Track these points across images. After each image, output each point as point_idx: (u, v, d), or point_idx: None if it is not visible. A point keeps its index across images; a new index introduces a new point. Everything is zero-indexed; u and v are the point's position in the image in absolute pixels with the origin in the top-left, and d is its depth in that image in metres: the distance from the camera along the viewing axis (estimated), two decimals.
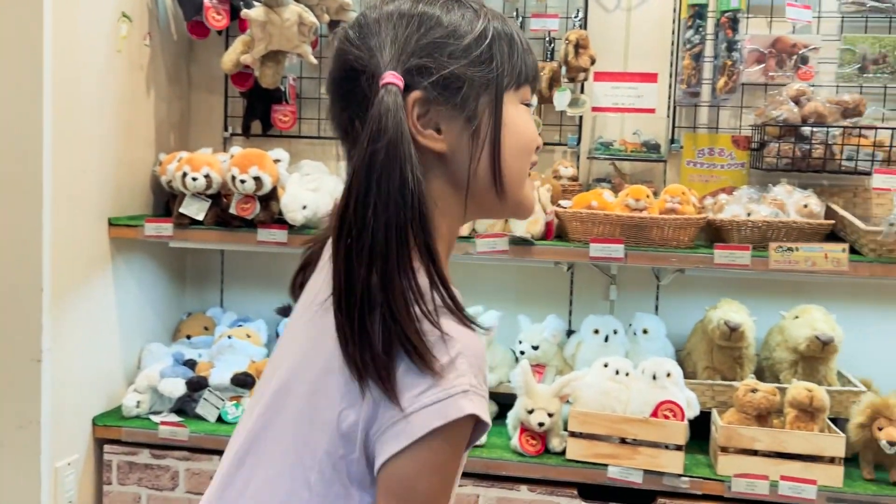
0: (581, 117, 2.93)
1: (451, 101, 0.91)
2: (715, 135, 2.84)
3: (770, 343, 2.65)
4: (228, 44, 2.93)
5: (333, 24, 2.94)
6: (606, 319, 2.71)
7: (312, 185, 2.69)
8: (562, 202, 2.54)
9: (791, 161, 2.53)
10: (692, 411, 2.37)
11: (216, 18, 2.76)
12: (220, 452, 2.70)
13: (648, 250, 2.39)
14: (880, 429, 2.24)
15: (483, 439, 2.48)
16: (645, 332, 2.72)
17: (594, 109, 2.93)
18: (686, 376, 2.47)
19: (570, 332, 2.86)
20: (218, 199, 2.71)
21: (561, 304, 3.01)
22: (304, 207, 2.60)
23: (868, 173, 2.46)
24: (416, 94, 0.90)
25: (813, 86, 2.69)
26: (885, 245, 2.29)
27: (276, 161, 2.66)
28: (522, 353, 2.71)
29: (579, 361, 2.71)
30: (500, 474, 2.42)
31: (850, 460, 2.32)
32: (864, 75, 2.70)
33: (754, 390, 2.34)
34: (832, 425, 2.34)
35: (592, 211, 2.40)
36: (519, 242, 2.44)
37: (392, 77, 0.88)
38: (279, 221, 2.65)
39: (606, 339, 2.68)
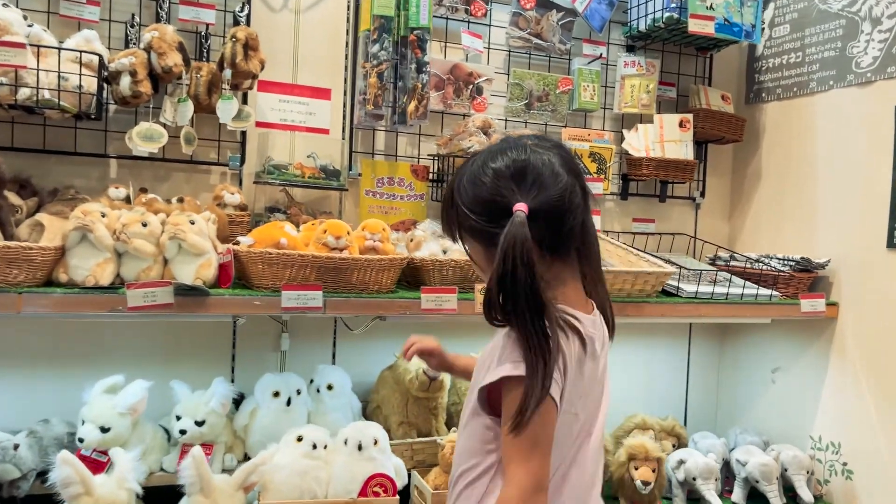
0: (244, 133, 2.43)
1: None
2: (394, 163, 2.59)
3: (459, 387, 2.48)
4: None
5: None
6: (287, 378, 2.25)
7: None
8: (241, 238, 2.01)
9: None
10: (401, 480, 2.06)
11: None
12: None
13: (351, 296, 2.01)
14: None
15: None
16: (330, 387, 2.33)
17: (258, 125, 2.46)
18: None
19: (235, 399, 2.32)
20: None
21: (221, 363, 2.45)
22: None
23: None
24: None
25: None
26: None
27: None
28: (183, 432, 2.10)
29: (256, 433, 2.20)
30: None
31: None
32: (531, 111, 2.71)
33: None
34: None
35: (285, 252, 1.94)
36: (188, 292, 1.85)
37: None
38: None
39: (289, 402, 2.22)
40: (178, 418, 2.12)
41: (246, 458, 2.25)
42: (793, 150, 2.83)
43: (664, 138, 2.78)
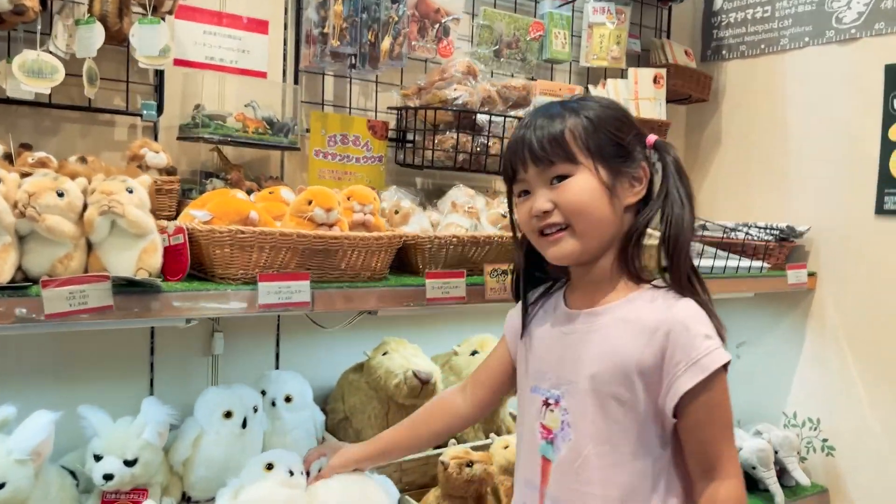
0: (161, 74, 1.84)
1: None
2: (348, 117, 2.11)
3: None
4: None
5: None
6: (240, 393, 1.74)
7: None
8: (194, 212, 1.47)
9: (467, 156, 1.99)
10: (392, 501, 1.62)
11: None
12: None
13: (344, 286, 1.54)
14: None
15: None
16: (288, 399, 1.85)
17: (177, 63, 1.88)
18: None
19: None
20: None
21: (136, 375, 1.88)
22: None
23: None
24: None
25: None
26: None
27: None
28: (109, 476, 1.53)
29: (201, 467, 1.68)
30: None
31: None
32: (500, 59, 2.33)
33: (470, 463, 1.74)
34: None
35: (263, 230, 1.43)
36: (129, 288, 1.31)
37: None
38: None
39: (245, 423, 1.72)
40: (98, 458, 1.56)
41: (185, 498, 1.73)
42: (758, 111, 2.67)
43: (639, 95, 2.50)
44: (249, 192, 1.76)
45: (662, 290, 1.15)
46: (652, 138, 1.18)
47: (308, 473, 1.54)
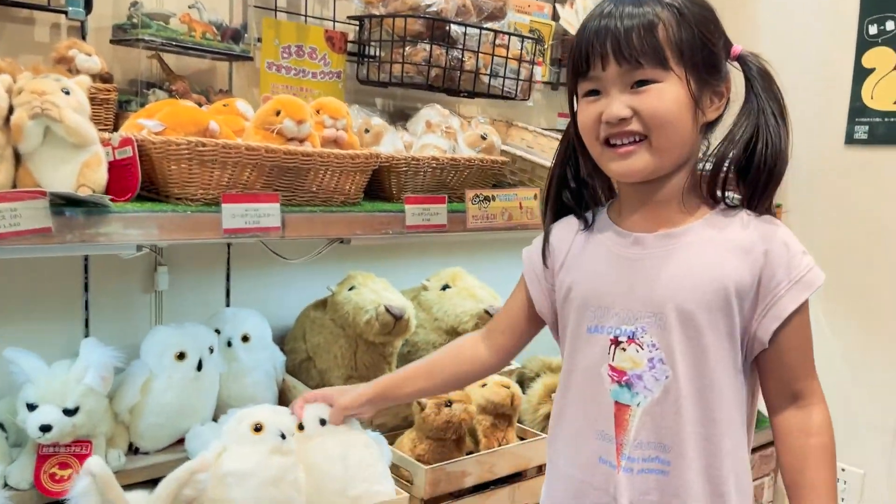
0: None
1: None
2: (304, 26, 1.88)
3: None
4: None
5: None
6: (194, 332, 1.56)
7: None
8: (143, 121, 1.25)
9: (440, 72, 1.81)
10: (385, 459, 1.49)
11: None
12: None
13: (317, 210, 1.37)
14: None
15: None
16: (245, 339, 1.68)
17: None
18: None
19: None
20: None
21: (68, 314, 1.66)
22: None
23: (513, 97, 1.95)
24: None
25: None
26: None
27: None
28: (47, 428, 1.34)
29: (150, 414, 1.51)
30: None
31: None
32: None
33: (448, 403, 1.62)
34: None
35: (227, 143, 1.23)
36: (71, 207, 1.10)
37: None
38: None
39: (200, 365, 1.54)
40: (33, 407, 1.35)
41: (132, 450, 1.55)
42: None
43: None
44: (199, 105, 1.54)
45: (743, 210, 1.04)
46: (738, 48, 1.04)
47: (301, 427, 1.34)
